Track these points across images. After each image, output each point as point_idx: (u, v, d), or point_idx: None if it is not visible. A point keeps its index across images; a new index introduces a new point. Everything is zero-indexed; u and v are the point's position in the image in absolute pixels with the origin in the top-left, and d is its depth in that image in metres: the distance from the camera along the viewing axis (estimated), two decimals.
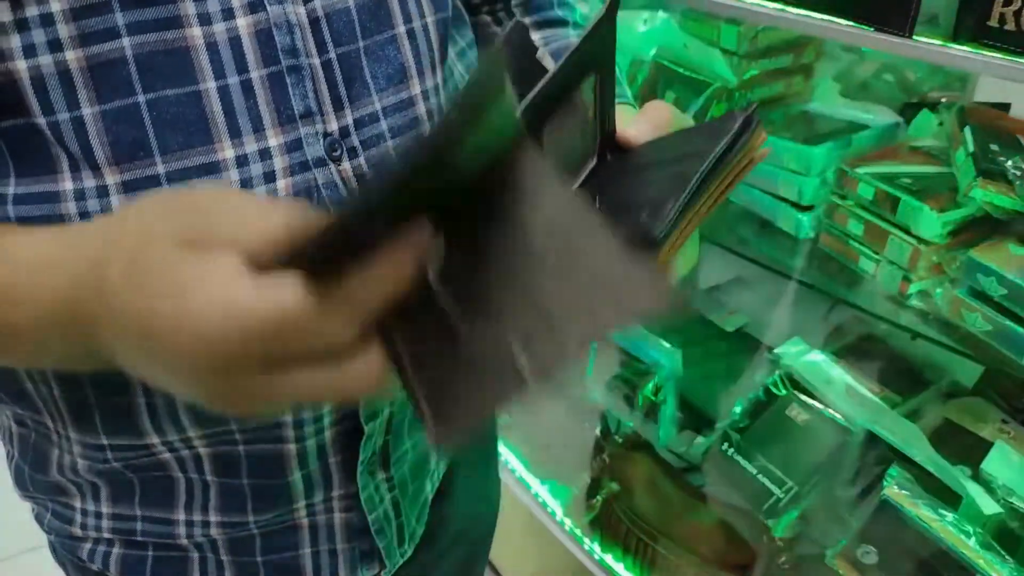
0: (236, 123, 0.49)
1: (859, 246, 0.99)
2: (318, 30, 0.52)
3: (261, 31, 0.49)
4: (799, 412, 1.11)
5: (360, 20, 0.54)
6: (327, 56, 0.52)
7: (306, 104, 0.51)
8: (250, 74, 0.49)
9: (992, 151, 0.91)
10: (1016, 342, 0.85)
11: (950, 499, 0.94)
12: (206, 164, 0.49)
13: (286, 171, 0.51)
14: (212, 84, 0.48)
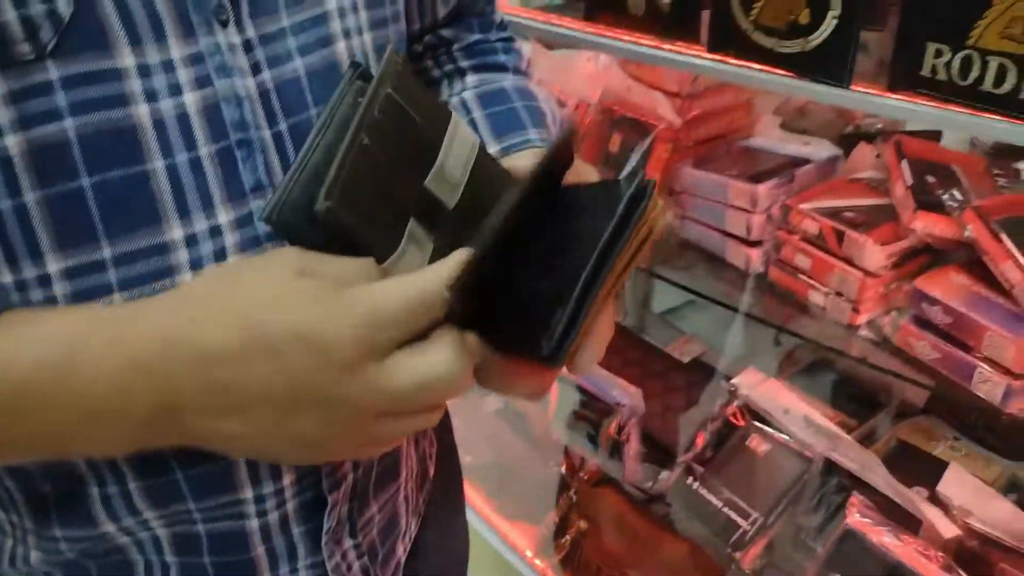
0: (185, 202, 0.48)
1: (807, 279, 1.01)
2: (268, 102, 0.51)
3: (209, 106, 0.48)
4: (759, 442, 1.13)
5: (311, 88, 0.53)
6: (277, 128, 0.51)
7: (256, 178, 0.50)
8: (199, 151, 0.48)
9: (929, 183, 0.95)
10: (963, 368, 0.88)
11: (910, 523, 0.96)
12: (155, 245, 0.48)
13: (237, 247, 0.50)
14: (160, 163, 0.47)
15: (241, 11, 0.49)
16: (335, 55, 0.55)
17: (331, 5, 0.54)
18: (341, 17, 0.55)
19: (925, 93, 0.69)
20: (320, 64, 0.53)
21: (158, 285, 0.48)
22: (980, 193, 0.94)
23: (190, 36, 0.47)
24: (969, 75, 0.66)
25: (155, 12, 0.45)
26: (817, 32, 0.71)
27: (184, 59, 0.47)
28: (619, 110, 1.15)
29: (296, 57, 0.52)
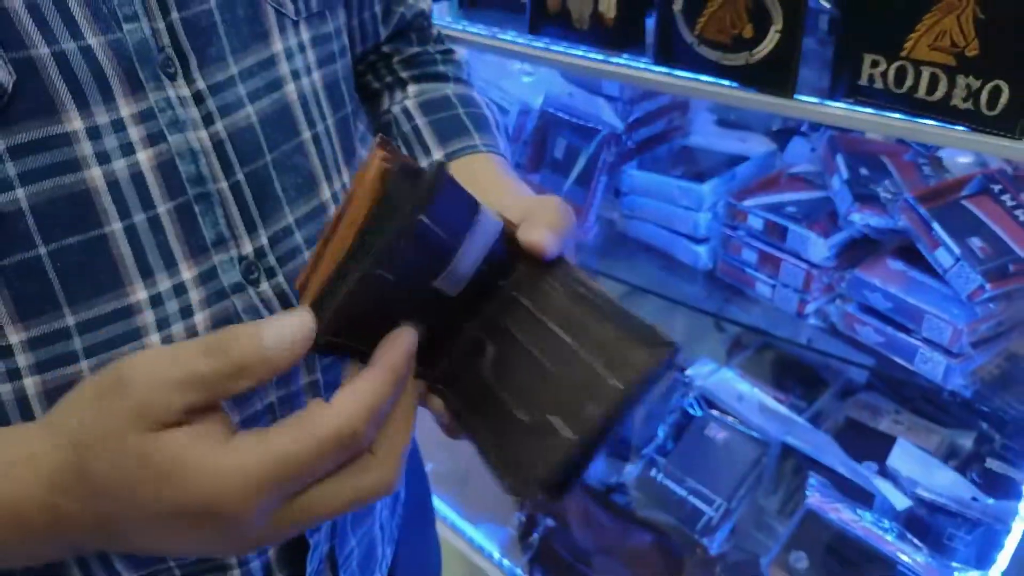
0: (146, 262, 0.47)
1: (755, 273, 1.05)
2: (223, 153, 0.50)
3: (164, 163, 0.47)
4: (717, 431, 1.18)
5: (265, 134, 0.52)
6: (235, 178, 0.50)
7: (217, 231, 0.50)
8: (156, 209, 0.47)
9: (864, 176, 1.00)
10: (905, 350, 0.94)
11: (864, 498, 1.02)
12: (119, 309, 0.47)
13: (203, 303, 0.49)
14: (118, 225, 0.46)
15: (189, 62, 0.48)
16: (286, 98, 0.54)
17: (278, 47, 0.53)
18: (289, 58, 0.54)
19: (864, 100, 0.73)
20: (271, 109, 0.53)
21: (126, 348, 0.47)
22: (909, 183, 1.00)
23: (138, 92, 0.46)
24: (904, 83, 0.70)
25: (100, 71, 0.44)
26: (761, 46, 0.74)
27: (134, 116, 0.46)
28: (562, 115, 1.16)
29: (247, 104, 0.51)
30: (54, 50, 0.42)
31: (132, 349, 0.47)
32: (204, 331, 0.49)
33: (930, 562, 0.96)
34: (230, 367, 0.37)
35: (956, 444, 1.13)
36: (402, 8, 0.72)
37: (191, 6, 0.48)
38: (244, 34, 0.51)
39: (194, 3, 0.48)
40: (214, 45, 0.49)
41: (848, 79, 0.73)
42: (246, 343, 0.37)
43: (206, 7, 0.48)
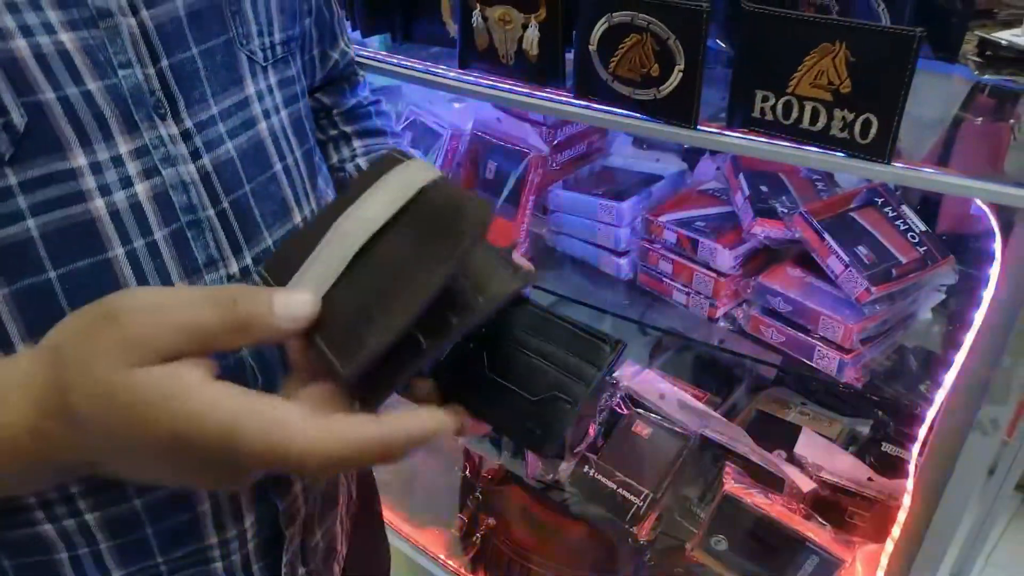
0: (146, 283, 0.53)
1: (670, 282, 1.15)
2: (209, 184, 0.56)
3: (159, 194, 0.53)
4: (642, 427, 1.27)
5: (244, 165, 0.59)
6: (221, 206, 0.57)
7: (208, 253, 0.56)
8: (154, 235, 0.53)
9: (763, 192, 1.10)
10: (804, 348, 1.04)
11: (775, 483, 1.13)
12: None
13: None
14: (120, 250, 0.52)
15: (177, 104, 0.54)
16: (259, 134, 0.61)
17: (251, 90, 0.60)
18: (260, 99, 0.61)
19: (757, 130, 0.83)
20: (248, 144, 0.60)
21: None
22: (804, 198, 1.11)
23: (134, 132, 0.52)
24: (791, 116, 0.80)
25: (100, 114, 0.50)
26: (666, 83, 0.83)
27: (131, 153, 0.52)
28: (491, 139, 1.24)
29: (227, 140, 0.58)
30: (59, 95, 0.48)
31: None
32: None
33: (834, 538, 1.08)
34: (234, 321, 0.39)
35: (855, 431, 1.25)
36: (336, 54, 0.80)
37: (177, 53, 0.54)
38: (222, 78, 0.57)
39: (179, 51, 0.54)
40: (197, 88, 0.55)
41: (743, 111, 0.82)
42: (254, 301, 0.40)
43: (189, 54, 0.55)
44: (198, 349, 0.39)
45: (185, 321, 0.39)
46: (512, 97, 0.95)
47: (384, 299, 0.40)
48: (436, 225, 0.40)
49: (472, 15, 0.95)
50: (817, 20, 0.76)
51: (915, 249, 1.03)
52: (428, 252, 0.39)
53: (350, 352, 0.39)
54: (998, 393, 0.83)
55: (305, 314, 0.41)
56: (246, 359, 0.58)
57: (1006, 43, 0.97)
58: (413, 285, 0.38)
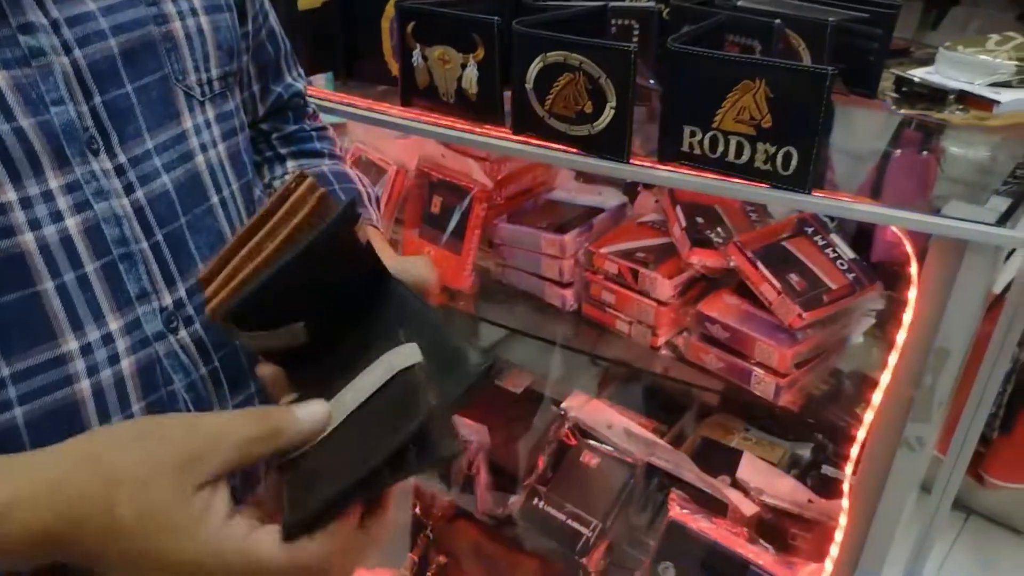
0: (77, 315, 0.53)
1: (613, 312, 1.17)
2: (143, 217, 0.57)
3: (90, 228, 0.54)
4: (590, 457, 1.28)
5: (179, 198, 0.60)
6: (154, 239, 0.58)
7: (141, 286, 0.57)
8: (85, 268, 0.54)
9: (699, 223, 1.14)
10: (742, 374, 1.07)
11: (719, 507, 1.15)
12: (52, 359, 0.53)
13: (128, 351, 0.56)
14: (50, 284, 0.52)
15: (111, 139, 0.55)
16: (196, 167, 0.62)
17: (187, 124, 0.62)
18: (197, 134, 0.63)
19: (686, 164, 0.86)
20: (184, 177, 0.61)
21: (58, 394, 0.53)
22: (738, 228, 1.15)
23: (66, 167, 0.53)
24: (717, 149, 0.84)
25: (32, 149, 0.51)
26: (600, 119, 0.86)
27: (62, 188, 0.53)
28: (436, 174, 1.26)
29: (163, 174, 0.59)
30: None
31: (64, 395, 0.53)
32: (130, 376, 0.56)
33: (777, 560, 1.10)
34: (269, 429, 0.46)
35: (797, 455, 1.28)
36: (279, 88, 0.81)
37: (110, 90, 0.55)
38: (158, 113, 0.59)
39: (113, 87, 0.55)
40: (132, 124, 0.57)
41: (673, 146, 0.86)
42: (282, 412, 0.48)
43: (124, 91, 0.56)
44: (245, 464, 0.46)
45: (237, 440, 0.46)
46: (453, 134, 0.97)
47: (341, 461, 0.47)
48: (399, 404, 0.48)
49: (412, 54, 0.97)
50: (738, 59, 0.80)
51: (844, 276, 1.07)
52: (388, 426, 0.47)
53: (299, 505, 0.46)
54: (921, 411, 0.87)
55: (324, 416, 0.49)
56: (179, 392, 0.59)
57: (919, 80, 1.03)
58: (367, 454, 0.46)
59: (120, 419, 0.56)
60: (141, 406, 0.57)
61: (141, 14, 0.58)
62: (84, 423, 0.54)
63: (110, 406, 0.55)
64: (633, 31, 0.98)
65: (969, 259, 0.77)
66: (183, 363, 0.59)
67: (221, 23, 0.65)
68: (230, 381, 0.63)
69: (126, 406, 0.56)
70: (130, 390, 0.56)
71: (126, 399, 0.56)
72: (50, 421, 0.53)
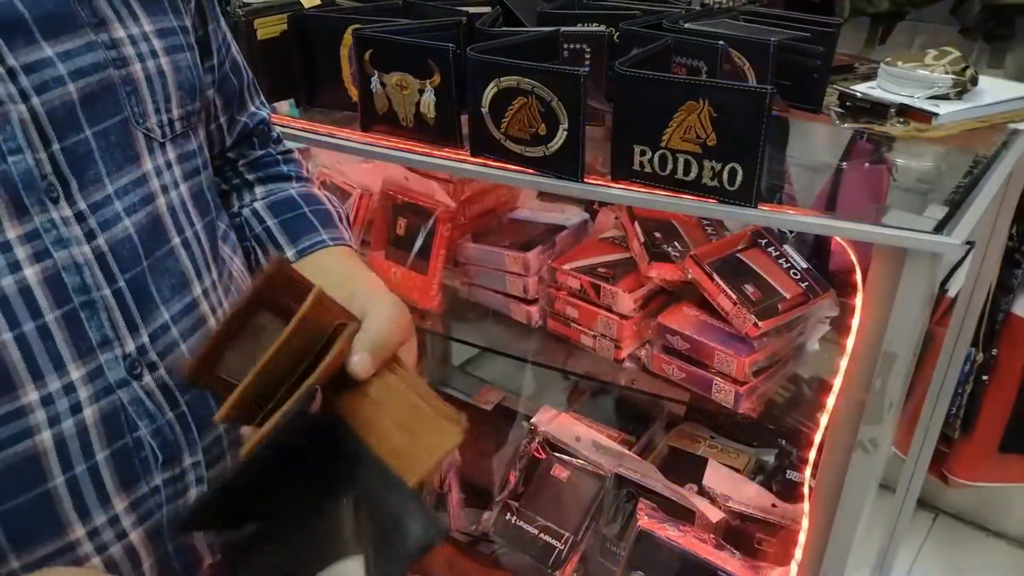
0: (37, 366, 0.53)
1: (578, 327, 1.20)
2: (104, 263, 0.57)
3: (50, 276, 0.53)
4: (560, 470, 1.30)
5: (141, 242, 0.60)
6: (116, 285, 0.57)
7: (103, 333, 0.56)
8: (45, 318, 0.53)
9: (657, 238, 1.17)
10: (703, 383, 1.10)
11: (686, 515, 1.17)
12: (12, 411, 0.52)
13: (91, 399, 0.56)
14: (8, 335, 0.52)
15: (70, 186, 0.55)
16: (157, 209, 0.62)
17: (148, 166, 0.62)
18: (158, 175, 0.63)
19: (638, 182, 0.89)
20: (146, 220, 0.61)
21: (19, 447, 0.53)
22: (695, 242, 1.18)
23: (24, 216, 0.53)
24: (667, 167, 0.87)
25: None
26: (553, 141, 0.89)
27: (20, 238, 0.52)
28: (400, 197, 1.28)
29: (124, 218, 0.59)
30: None
31: (24, 448, 0.53)
32: (93, 425, 0.56)
33: (744, 565, 1.12)
34: None
35: (762, 461, 1.31)
36: (244, 118, 0.82)
37: (69, 136, 0.55)
38: (118, 157, 0.58)
39: (72, 133, 0.55)
40: (91, 169, 0.56)
41: (625, 165, 0.89)
42: None
43: (82, 136, 0.56)
44: None
45: None
46: (414, 157, 0.99)
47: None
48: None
49: (371, 81, 1.00)
50: (681, 81, 0.83)
51: (798, 285, 1.10)
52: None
53: None
54: (873, 414, 0.90)
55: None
56: (144, 438, 0.59)
57: (861, 95, 1.07)
58: None
59: (83, 469, 0.55)
60: (105, 455, 0.57)
61: (100, 58, 0.57)
62: (46, 476, 0.54)
63: (72, 456, 0.55)
64: (585, 55, 1.01)
65: (910, 266, 0.81)
66: (148, 409, 0.59)
67: (182, 63, 0.65)
68: (198, 423, 0.63)
69: (89, 456, 0.56)
70: (93, 439, 0.56)
71: (89, 448, 0.56)
72: (11, 474, 0.53)
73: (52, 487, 0.55)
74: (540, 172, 0.92)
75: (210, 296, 0.67)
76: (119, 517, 0.58)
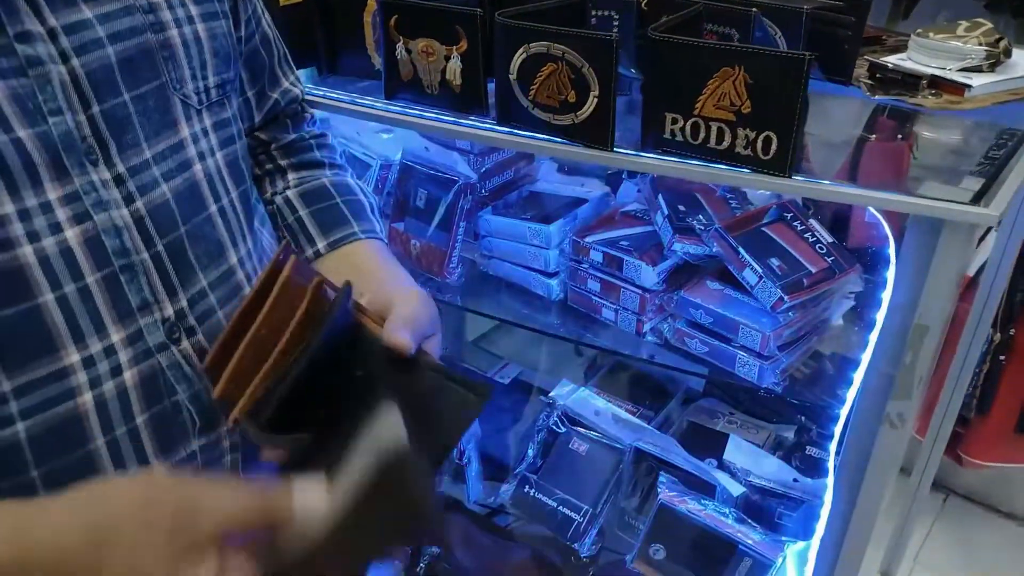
0: (78, 328, 0.53)
1: (599, 300, 1.19)
2: (143, 227, 0.57)
3: (90, 239, 0.54)
4: (579, 444, 1.30)
5: (179, 208, 0.60)
6: (155, 249, 0.58)
7: (142, 297, 0.57)
8: (86, 280, 0.54)
9: (681, 211, 1.16)
10: (727, 357, 1.09)
11: (707, 489, 1.17)
12: (54, 372, 0.53)
13: (131, 362, 0.56)
14: (50, 296, 0.52)
15: (109, 149, 0.55)
16: (195, 176, 0.62)
17: (185, 132, 0.62)
18: (195, 142, 0.63)
19: (669, 151, 0.88)
20: (183, 186, 0.61)
21: (60, 408, 0.53)
22: (719, 215, 1.17)
23: (64, 178, 0.53)
24: (699, 136, 0.85)
25: (29, 160, 0.51)
26: (583, 109, 0.87)
27: (61, 199, 0.52)
28: (420, 168, 1.27)
29: (162, 183, 0.59)
30: None
31: (66, 409, 0.53)
32: (133, 388, 0.56)
33: (764, 539, 1.12)
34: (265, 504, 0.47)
35: (781, 436, 1.31)
36: (276, 94, 0.81)
37: (108, 99, 0.55)
38: (156, 122, 0.58)
39: (111, 97, 0.55)
40: (130, 133, 0.56)
41: (655, 133, 0.87)
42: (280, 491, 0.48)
43: (121, 100, 0.56)
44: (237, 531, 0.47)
45: (231, 510, 0.46)
46: (438, 125, 0.98)
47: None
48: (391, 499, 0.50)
49: (396, 47, 0.98)
50: (717, 47, 0.81)
51: (823, 259, 1.09)
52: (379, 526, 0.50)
53: None
54: (902, 388, 0.89)
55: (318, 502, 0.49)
56: (182, 403, 0.59)
57: (892, 66, 1.05)
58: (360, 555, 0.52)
59: (124, 432, 0.56)
60: (145, 418, 0.57)
61: (138, 22, 0.57)
62: (87, 437, 0.54)
63: (113, 419, 0.55)
64: (613, 21, 0.99)
65: (946, 237, 0.79)
66: (186, 374, 0.59)
67: (217, 30, 0.65)
68: None
69: (129, 419, 0.56)
70: (133, 402, 0.56)
71: (129, 412, 0.56)
72: (53, 435, 0.53)
73: (93, 448, 0.55)
74: (569, 141, 0.90)
75: (245, 265, 0.67)
76: None
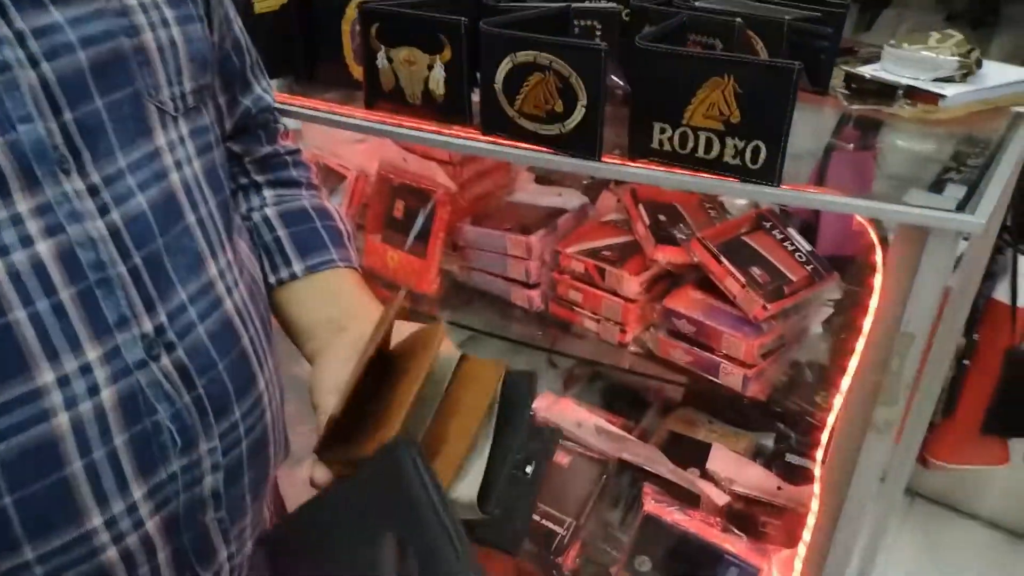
0: (52, 346, 0.50)
1: (581, 310, 1.18)
2: (119, 240, 0.54)
3: (64, 252, 0.51)
4: (562, 456, 1.29)
5: (156, 219, 0.57)
6: (132, 262, 0.55)
7: (119, 312, 0.54)
8: (59, 295, 0.51)
9: (662, 221, 1.16)
10: (710, 366, 1.09)
11: (691, 499, 1.16)
12: (27, 392, 0.50)
13: (109, 380, 0.53)
14: (22, 313, 0.49)
15: (83, 158, 0.53)
16: (171, 186, 0.60)
17: (161, 140, 0.59)
18: (171, 150, 0.60)
19: (656, 160, 0.87)
20: (160, 197, 0.58)
21: (35, 432, 0.50)
22: (699, 224, 1.17)
23: (36, 188, 0.50)
24: (687, 145, 0.85)
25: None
26: (570, 118, 0.86)
27: (32, 211, 0.50)
28: (398, 179, 1.25)
29: (138, 193, 0.56)
30: None
31: (40, 432, 0.50)
32: (111, 408, 0.53)
33: (750, 547, 1.12)
34: None
35: (761, 444, 1.31)
36: (247, 101, 0.78)
37: (80, 106, 0.52)
38: (130, 130, 0.56)
39: (83, 103, 0.52)
40: (103, 141, 0.54)
41: (643, 143, 0.87)
42: None
43: (94, 106, 0.53)
44: None
45: None
46: (420, 135, 0.96)
47: None
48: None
49: (377, 56, 0.96)
50: (707, 56, 0.81)
51: (803, 268, 1.10)
52: None
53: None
54: (889, 395, 0.90)
55: None
56: (163, 422, 0.56)
57: (869, 76, 1.07)
58: None
59: (102, 454, 0.53)
60: (124, 439, 0.54)
61: (111, 26, 0.55)
62: (63, 461, 0.51)
63: (91, 441, 0.52)
64: (596, 31, 0.99)
65: (931, 245, 0.80)
66: (166, 392, 0.56)
67: (193, 34, 0.63)
68: (215, 408, 0.60)
69: (108, 440, 0.53)
70: (112, 422, 0.53)
71: (107, 432, 0.53)
72: (27, 460, 0.50)
73: (69, 473, 0.52)
74: (556, 151, 0.89)
75: (225, 276, 0.65)
76: (137, 505, 0.55)
